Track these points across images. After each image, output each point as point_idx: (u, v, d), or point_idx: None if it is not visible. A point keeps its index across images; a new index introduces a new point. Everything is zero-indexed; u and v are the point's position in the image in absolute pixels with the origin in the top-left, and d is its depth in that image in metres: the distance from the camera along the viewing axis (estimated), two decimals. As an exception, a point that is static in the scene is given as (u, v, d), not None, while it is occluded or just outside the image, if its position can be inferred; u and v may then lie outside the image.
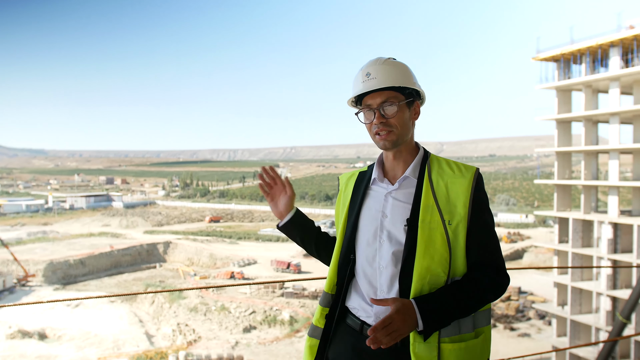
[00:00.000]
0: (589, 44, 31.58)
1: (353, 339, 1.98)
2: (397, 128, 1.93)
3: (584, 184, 32.97)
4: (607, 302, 30.49)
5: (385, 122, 1.92)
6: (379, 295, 1.93)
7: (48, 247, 79.30)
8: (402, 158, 2.00)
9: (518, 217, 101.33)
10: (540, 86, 35.12)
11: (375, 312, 1.92)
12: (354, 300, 2.02)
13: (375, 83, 1.92)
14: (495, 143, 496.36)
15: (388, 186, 2.00)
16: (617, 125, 31.07)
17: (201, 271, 69.13)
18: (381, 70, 1.93)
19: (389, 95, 1.92)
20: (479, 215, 1.91)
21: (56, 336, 46.42)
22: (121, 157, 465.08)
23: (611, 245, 30.95)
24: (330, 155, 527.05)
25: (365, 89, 1.93)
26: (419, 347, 1.81)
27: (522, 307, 50.17)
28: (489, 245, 1.91)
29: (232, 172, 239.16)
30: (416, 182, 1.96)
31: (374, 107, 1.93)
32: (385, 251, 1.93)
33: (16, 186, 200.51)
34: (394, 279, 1.90)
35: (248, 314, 49.86)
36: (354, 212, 2.06)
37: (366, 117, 1.97)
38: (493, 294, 1.87)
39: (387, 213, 1.96)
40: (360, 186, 2.10)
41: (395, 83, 1.92)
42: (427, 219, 1.87)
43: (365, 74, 1.95)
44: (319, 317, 2.09)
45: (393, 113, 1.92)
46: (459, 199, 1.89)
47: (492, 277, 1.88)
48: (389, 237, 1.93)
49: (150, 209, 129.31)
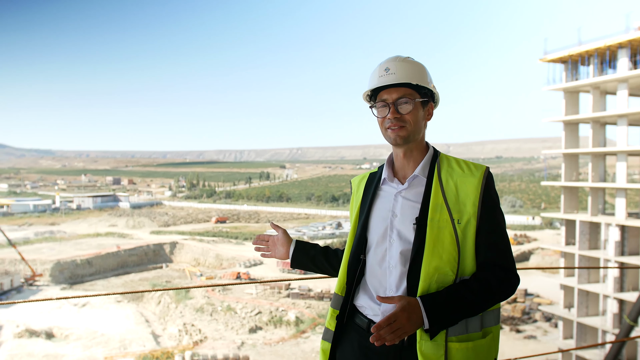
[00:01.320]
0: (597, 45, 31.44)
1: (360, 337, 1.99)
2: (410, 125, 1.94)
3: (592, 186, 32.82)
4: (614, 304, 30.32)
5: (399, 118, 1.93)
6: (389, 294, 1.94)
7: (55, 247, 79.62)
8: (412, 157, 2.01)
9: (525, 219, 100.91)
10: (548, 88, 34.99)
11: (383, 310, 1.93)
12: (362, 300, 2.03)
13: (393, 78, 1.93)
14: (502, 145, 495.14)
15: (398, 185, 2.02)
16: (625, 127, 30.90)
17: (207, 272, 69.21)
18: (400, 67, 1.95)
19: (406, 92, 1.94)
20: (488, 215, 1.90)
21: (63, 335, 46.61)
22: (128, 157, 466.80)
23: (618, 247, 30.79)
24: (336, 156, 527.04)
25: (383, 83, 1.94)
26: (426, 345, 1.81)
27: (529, 309, 49.97)
28: (499, 244, 1.89)
29: (238, 173, 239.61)
30: (426, 180, 1.97)
31: (389, 102, 1.95)
32: (394, 250, 1.94)
33: (24, 186, 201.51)
34: (403, 278, 1.91)
35: (254, 315, 49.90)
36: (364, 212, 2.07)
37: (380, 111, 1.98)
38: (502, 294, 1.86)
39: (397, 212, 1.97)
40: (370, 187, 2.11)
41: (413, 80, 1.94)
42: (436, 218, 1.88)
43: (384, 68, 1.96)
44: (330, 320, 2.11)
45: (408, 110, 1.94)
46: (468, 198, 1.89)
47: (501, 277, 1.86)
48: (399, 237, 1.94)
49: (157, 209, 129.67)
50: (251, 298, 53.98)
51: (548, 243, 46.71)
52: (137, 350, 42.62)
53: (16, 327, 46.60)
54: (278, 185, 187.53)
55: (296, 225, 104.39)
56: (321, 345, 2.11)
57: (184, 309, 53.04)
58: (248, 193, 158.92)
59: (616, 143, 31.69)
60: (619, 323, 29.58)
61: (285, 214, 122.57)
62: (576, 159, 35.64)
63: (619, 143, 31.28)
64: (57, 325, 48.33)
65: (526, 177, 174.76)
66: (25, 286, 62.64)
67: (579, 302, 32.36)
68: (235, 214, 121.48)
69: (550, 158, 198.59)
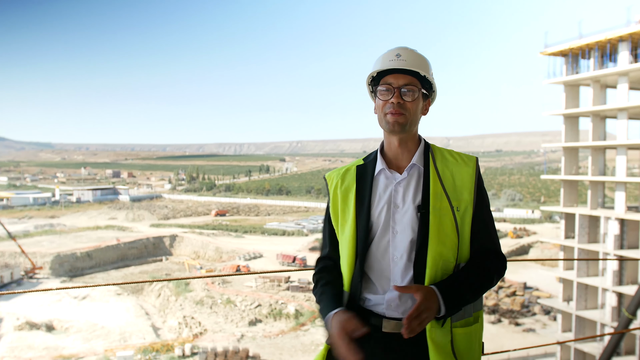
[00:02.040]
0: (598, 38, 31.36)
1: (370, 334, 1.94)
2: (410, 114, 1.95)
3: (591, 179, 32.83)
4: (613, 298, 30.41)
5: (401, 104, 1.93)
6: (393, 285, 1.93)
7: (55, 240, 79.77)
8: (406, 147, 2.02)
9: (524, 213, 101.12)
10: (548, 81, 34.93)
11: (388, 299, 1.93)
12: (365, 293, 2.00)
13: (403, 64, 1.94)
14: (502, 138, 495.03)
15: (395, 175, 2.01)
16: (626, 120, 30.87)
17: (207, 264, 69.38)
18: (411, 55, 1.97)
19: (412, 81, 1.95)
20: (481, 202, 1.99)
21: (63, 328, 46.76)
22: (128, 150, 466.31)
23: (617, 241, 30.82)
24: (336, 149, 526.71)
25: (393, 66, 1.95)
26: (436, 333, 1.86)
27: (528, 302, 50.14)
28: (491, 231, 2.00)
29: (238, 166, 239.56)
30: (423, 170, 1.99)
31: (394, 86, 1.95)
32: (398, 241, 1.94)
33: (23, 179, 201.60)
34: (408, 268, 1.92)
35: (254, 307, 50.04)
36: (364, 207, 2.03)
37: (382, 95, 1.97)
38: (497, 278, 1.96)
39: (399, 203, 1.97)
40: (364, 180, 2.06)
41: (422, 70, 1.96)
42: (438, 206, 1.92)
43: (395, 54, 1.97)
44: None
45: (412, 98, 1.95)
46: (464, 186, 1.96)
47: (496, 262, 1.96)
48: (402, 227, 1.94)
49: (157, 202, 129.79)
50: (251, 291, 54.11)
51: (547, 236, 46.69)
52: (137, 343, 42.77)
53: (16, 319, 46.75)
54: (278, 178, 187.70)
55: (296, 218, 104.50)
56: (325, 348, 2.02)
57: (184, 301, 53.19)
58: (248, 186, 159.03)
59: (616, 137, 31.67)
60: (618, 316, 29.68)
61: (285, 207, 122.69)
62: (576, 153, 35.63)
63: (619, 137, 31.26)
64: (58, 317, 48.48)
65: (526, 171, 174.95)
66: (25, 279, 62.79)
67: (578, 296, 32.43)
68: (235, 207, 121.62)
69: (550, 151, 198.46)
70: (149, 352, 40.30)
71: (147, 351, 40.32)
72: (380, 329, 1.94)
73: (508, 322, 45.51)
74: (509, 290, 52.85)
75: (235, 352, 39.10)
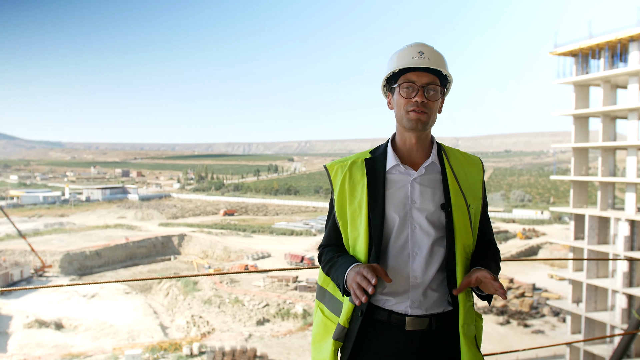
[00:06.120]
0: (608, 38, 31.17)
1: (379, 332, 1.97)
2: (432, 112, 1.95)
3: (601, 180, 32.62)
4: (623, 299, 30.19)
5: (425, 103, 1.93)
6: (412, 282, 1.93)
7: (64, 239, 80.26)
8: (422, 144, 2.01)
9: (533, 214, 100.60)
10: (558, 81, 34.76)
11: (412, 297, 1.94)
12: (381, 292, 1.97)
13: (427, 62, 1.93)
14: (511, 138, 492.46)
15: (410, 172, 1.99)
16: (636, 121, 30.64)
17: (215, 264, 69.55)
18: (433, 53, 1.96)
19: (434, 80, 1.95)
20: (485, 200, 2.12)
21: (72, 326, 47.05)
22: (137, 150, 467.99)
23: (628, 242, 30.60)
24: (344, 149, 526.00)
25: (418, 64, 1.93)
26: (468, 328, 1.96)
27: (537, 303, 49.87)
28: (491, 226, 2.16)
29: (246, 166, 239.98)
30: (439, 168, 2.01)
31: (418, 84, 1.93)
32: (418, 237, 1.94)
33: (33, 178, 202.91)
34: (429, 262, 1.93)
35: (262, 307, 50.11)
36: (378, 202, 1.96)
37: (405, 92, 1.95)
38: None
39: (416, 199, 1.96)
40: (375, 174, 2.00)
41: (445, 70, 1.96)
42: (457, 203, 1.97)
43: (418, 51, 1.95)
44: (345, 316, 1.99)
45: (435, 97, 1.95)
46: (476, 185, 2.04)
47: (498, 253, 2.12)
48: (422, 223, 1.94)
49: (165, 201, 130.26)
50: (259, 290, 54.19)
51: (557, 238, 46.35)
52: (146, 342, 42.95)
53: (26, 317, 47.11)
54: (286, 178, 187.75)
55: (304, 218, 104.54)
56: (333, 345, 1.99)
57: (192, 300, 53.37)
58: (256, 186, 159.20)
59: (626, 137, 31.45)
60: (628, 318, 29.47)
61: (294, 206, 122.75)
62: (586, 153, 35.42)
63: (629, 137, 31.04)
64: (67, 315, 48.80)
65: (535, 171, 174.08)
66: (34, 277, 63.26)
67: (588, 297, 32.24)
68: (243, 207, 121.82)
69: (560, 152, 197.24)
70: (157, 350, 40.46)
71: (155, 350, 40.48)
72: (404, 327, 1.93)
73: (517, 323, 45.29)
74: (517, 291, 52.61)
75: (242, 351, 39.17)
